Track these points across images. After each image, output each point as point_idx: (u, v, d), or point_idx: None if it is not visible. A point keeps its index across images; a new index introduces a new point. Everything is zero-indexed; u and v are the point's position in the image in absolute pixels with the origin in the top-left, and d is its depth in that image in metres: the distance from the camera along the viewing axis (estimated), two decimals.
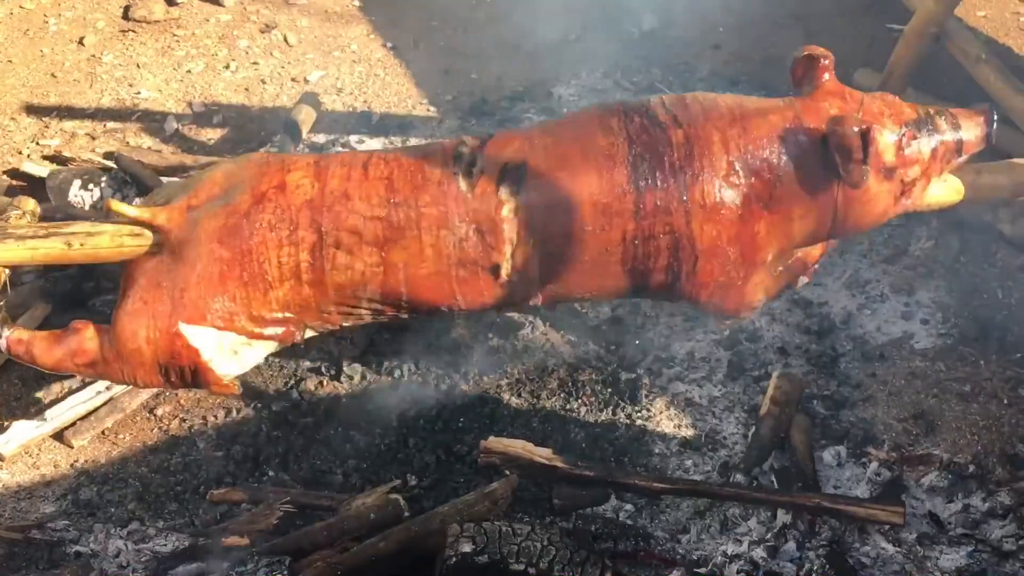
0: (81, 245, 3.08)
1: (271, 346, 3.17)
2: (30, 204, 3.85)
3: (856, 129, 2.91)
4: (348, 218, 3.00)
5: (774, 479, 3.20)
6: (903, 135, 3.03)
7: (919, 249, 3.96)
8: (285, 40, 5.34)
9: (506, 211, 2.99)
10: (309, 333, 3.20)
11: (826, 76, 3.12)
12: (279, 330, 3.11)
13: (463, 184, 3.01)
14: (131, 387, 3.49)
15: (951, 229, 3.98)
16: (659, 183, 2.97)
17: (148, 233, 3.07)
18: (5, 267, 3.33)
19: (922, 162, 3.08)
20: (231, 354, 3.11)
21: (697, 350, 3.65)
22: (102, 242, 3.08)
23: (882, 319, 3.73)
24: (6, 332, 3.14)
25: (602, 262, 3.04)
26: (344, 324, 3.19)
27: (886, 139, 3.00)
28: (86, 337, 3.10)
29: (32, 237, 3.09)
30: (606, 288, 3.14)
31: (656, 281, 3.10)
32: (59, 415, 3.45)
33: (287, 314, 3.08)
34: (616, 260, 3.04)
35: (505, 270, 3.04)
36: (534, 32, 5.24)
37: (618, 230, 2.99)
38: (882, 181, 3.03)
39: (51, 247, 3.08)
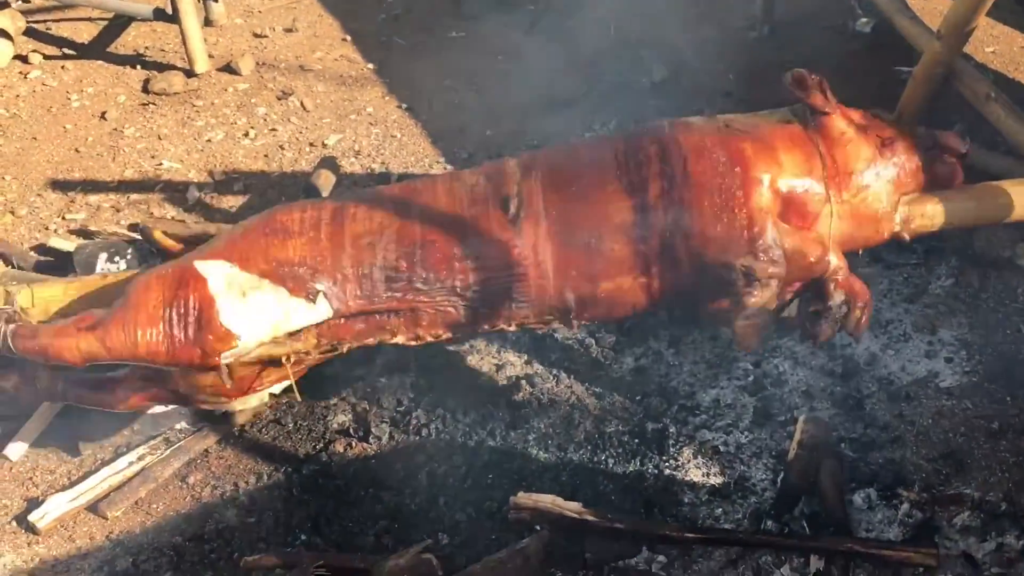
0: (115, 278, 3.42)
1: (281, 300, 3.11)
2: None
3: (809, 72, 3.25)
4: (370, 190, 3.44)
5: (805, 525, 3.20)
6: (866, 109, 3.39)
7: (939, 287, 3.97)
8: (302, 106, 5.43)
9: (511, 162, 3.33)
10: (322, 305, 3.13)
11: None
12: (292, 272, 3.12)
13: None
14: (163, 456, 3.55)
15: (971, 266, 4.00)
16: (644, 127, 3.37)
17: None
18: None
19: (894, 125, 3.35)
20: (239, 294, 3.08)
21: (722, 397, 3.66)
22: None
23: (906, 359, 3.73)
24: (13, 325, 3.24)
25: (599, 181, 3.18)
26: (358, 294, 3.16)
27: (850, 109, 3.35)
28: (94, 309, 3.23)
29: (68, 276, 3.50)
30: (608, 217, 3.14)
31: (654, 190, 3.13)
32: (93, 487, 3.49)
33: (302, 262, 3.14)
34: (611, 176, 3.18)
35: (513, 203, 3.17)
36: (546, 87, 5.32)
37: (608, 150, 3.25)
38: (856, 130, 3.27)
39: (85, 279, 3.47)
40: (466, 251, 3.14)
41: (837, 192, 3.19)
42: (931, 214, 3.35)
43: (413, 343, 3.28)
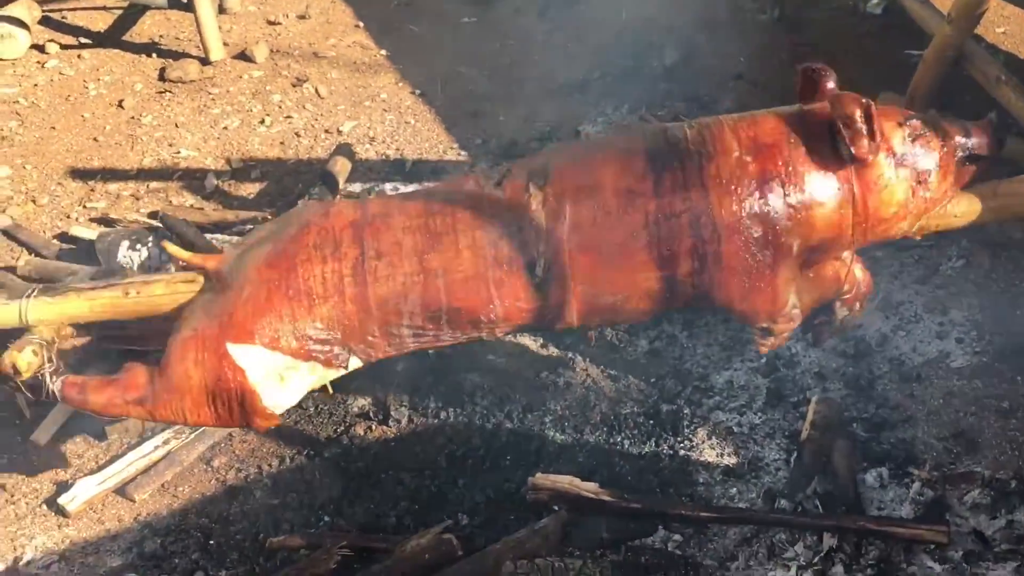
0: (137, 293, 3.23)
1: (316, 371, 3.17)
2: None
3: (858, 102, 2.98)
4: (388, 231, 3.13)
5: (818, 503, 3.25)
6: (908, 123, 3.10)
7: (950, 268, 4.01)
8: (317, 92, 5.48)
9: (535, 204, 3.09)
10: (354, 364, 3.20)
11: (830, 85, 3.15)
12: (324, 348, 3.13)
13: (496, 189, 3.16)
14: (187, 440, 3.62)
15: (981, 247, 4.03)
16: (675, 163, 3.05)
17: (201, 279, 3.23)
18: (67, 321, 3.34)
19: (933, 152, 3.10)
20: (277, 380, 3.13)
21: (735, 379, 3.72)
22: (157, 289, 3.24)
23: (917, 340, 3.78)
24: (60, 377, 3.19)
25: (628, 248, 3.06)
26: (388, 349, 3.20)
27: (891, 124, 3.07)
28: (137, 372, 3.17)
29: (91, 289, 3.25)
30: (637, 284, 3.10)
31: (684, 268, 3.06)
32: (120, 470, 3.56)
33: (331, 334, 3.12)
34: (642, 245, 3.05)
35: (539, 266, 3.08)
36: (558, 72, 5.36)
37: (640, 211, 3.03)
38: (894, 166, 3.06)
39: (109, 296, 3.23)
40: (492, 316, 3.13)
41: (862, 238, 3.12)
42: (946, 224, 3.25)
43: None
